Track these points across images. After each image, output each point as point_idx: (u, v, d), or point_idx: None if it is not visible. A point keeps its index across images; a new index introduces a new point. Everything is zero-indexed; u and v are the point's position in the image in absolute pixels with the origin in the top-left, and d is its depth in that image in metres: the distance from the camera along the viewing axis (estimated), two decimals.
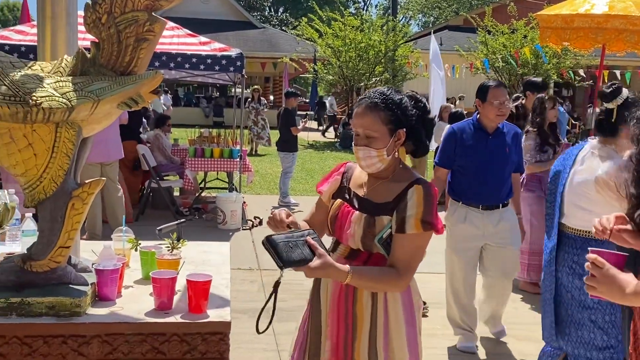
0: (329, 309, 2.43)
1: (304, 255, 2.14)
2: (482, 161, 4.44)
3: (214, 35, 19.96)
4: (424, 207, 2.24)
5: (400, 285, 2.28)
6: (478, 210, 4.49)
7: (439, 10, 47.12)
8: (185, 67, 8.38)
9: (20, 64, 2.36)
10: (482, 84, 4.53)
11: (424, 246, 2.33)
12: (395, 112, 2.27)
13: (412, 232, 2.24)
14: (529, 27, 20.81)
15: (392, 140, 2.28)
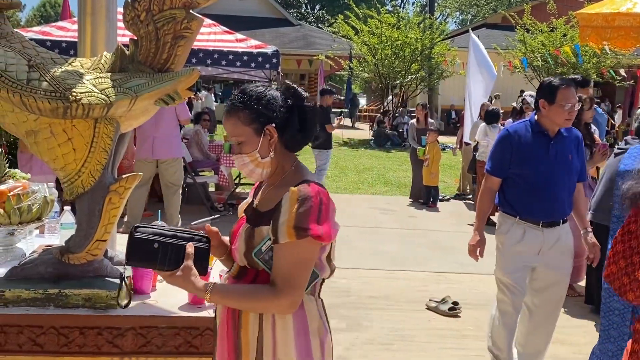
0: (218, 334, 2.10)
1: (165, 261, 1.93)
2: (544, 169, 3.80)
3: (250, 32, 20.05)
4: (297, 211, 1.88)
5: (281, 305, 1.91)
6: (537, 227, 3.83)
7: (477, 8, 46.60)
8: (222, 64, 8.44)
9: (61, 60, 2.41)
10: (550, 82, 3.84)
11: (307, 257, 1.93)
12: (256, 109, 1.97)
13: (285, 241, 1.89)
14: (569, 26, 20.46)
15: (262, 140, 1.98)
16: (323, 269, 2.03)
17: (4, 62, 2.23)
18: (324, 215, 1.91)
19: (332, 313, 5.24)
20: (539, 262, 3.88)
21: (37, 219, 2.67)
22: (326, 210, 1.93)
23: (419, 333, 4.95)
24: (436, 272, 6.62)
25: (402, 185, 12.53)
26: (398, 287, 6.05)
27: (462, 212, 10.08)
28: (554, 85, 3.78)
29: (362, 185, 12.45)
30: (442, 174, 11.73)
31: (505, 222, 3.95)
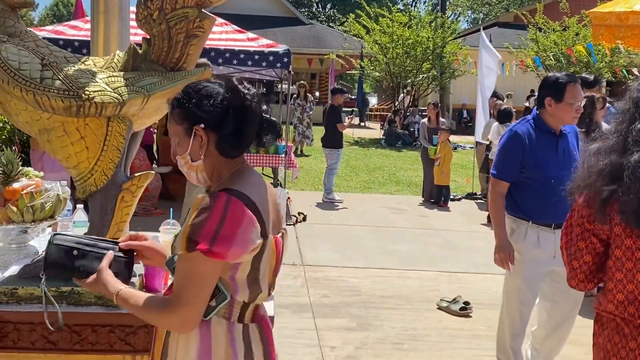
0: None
1: (83, 268, 1.90)
2: (554, 169, 3.61)
3: (261, 31, 20.09)
4: (192, 222, 1.72)
5: (171, 321, 1.77)
6: (550, 229, 3.68)
7: (489, 7, 46.40)
8: (233, 63, 8.46)
9: (74, 58, 2.42)
10: (556, 79, 3.68)
11: (200, 273, 1.74)
12: (187, 107, 1.81)
13: (179, 252, 1.74)
14: (581, 25, 20.34)
15: (192, 142, 1.82)
16: (236, 290, 1.81)
17: (18, 61, 2.25)
18: (225, 231, 1.71)
19: (342, 312, 5.24)
20: (556, 265, 3.67)
21: (50, 217, 2.68)
22: (232, 225, 1.72)
23: (430, 333, 4.94)
24: (448, 272, 6.61)
25: (413, 184, 12.51)
26: (409, 287, 6.04)
27: (473, 211, 10.05)
28: (561, 82, 3.63)
29: (373, 184, 12.44)
30: (453, 174, 11.69)
31: (518, 227, 3.79)
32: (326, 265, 6.62)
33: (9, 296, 2.33)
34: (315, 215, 9.01)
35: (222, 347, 1.82)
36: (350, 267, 6.60)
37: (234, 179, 1.84)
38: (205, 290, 1.75)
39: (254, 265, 1.80)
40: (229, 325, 1.83)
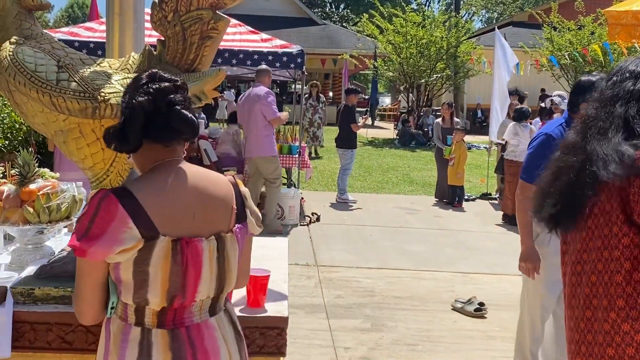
0: None
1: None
2: None
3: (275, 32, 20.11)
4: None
5: (76, 312, 1.84)
6: None
7: (503, 6, 46.20)
8: (247, 64, 8.48)
9: (90, 60, 2.43)
10: (591, 83, 3.54)
11: (80, 270, 1.75)
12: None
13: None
14: (597, 24, 20.18)
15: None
16: (121, 292, 1.74)
17: (34, 63, 2.26)
18: (95, 229, 1.65)
19: (356, 313, 5.23)
20: None
21: (66, 217, 2.70)
22: (101, 223, 1.65)
23: (445, 334, 4.92)
24: (462, 273, 6.58)
25: (427, 184, 12.47)
26: (423, 288, 6.02)
27: (488, 212, 10.00)
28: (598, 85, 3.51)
29: (387, 184, 12.42)
30: (467, 174, 11.65)
31: (543, 230, 3.58)
32: (340, 266, 6.62)
33: (25, 296, 2.35)
34: (328, 216, 9.01)
35: (116, 347, 1.77)
36: (364, 267, 6.60)
37: (143, 175, 1.81)
38: (86, 286, 1.75)
39: (138, 267, 1.69)
40: (124, 327, 1.77)
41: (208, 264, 1.76)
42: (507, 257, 6.87)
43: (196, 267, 1.74)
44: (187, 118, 1.77)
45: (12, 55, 2.26)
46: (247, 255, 2.01)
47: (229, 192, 1.83)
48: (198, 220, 1.75)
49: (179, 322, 1.77)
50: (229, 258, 1.81)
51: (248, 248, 2.00)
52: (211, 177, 1.84)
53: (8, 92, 2.32)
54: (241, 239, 1.85)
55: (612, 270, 1.92)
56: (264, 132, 7.72)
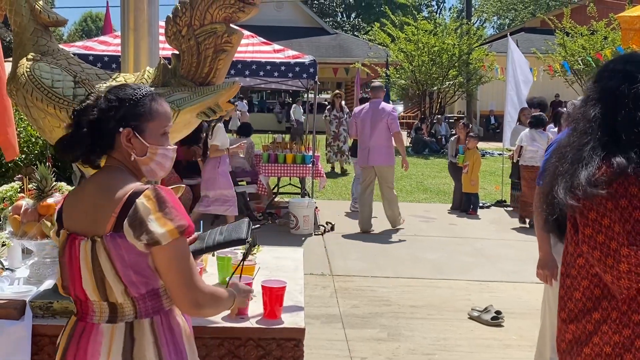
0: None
1: None
2: None
3: (287, 42, 20.19)
4: None
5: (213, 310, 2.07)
6: None
7: (515, 12, 46.08)
8: (260, 75, 8.52)
9: (105, 75, 2.46)
10: None
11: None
12: None
13: None
14: (610, 29, 20.08)
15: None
16: None
17: (51, 79, 2.29)
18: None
19: (373, 322, 5.22)
20: None
21: None
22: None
23: (462, 343, 4.89)
24: (478, 281, 6.54)
25: (441, 192, 12.43)
26: (439, 296, 6.00)
27: (503, 219, 9.95)
28: None
29: (401, 192, 12.39)
30: (482, 181, 11.60)
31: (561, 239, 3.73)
32: (355, 275, 6.61)
33: (44, 310, 2.37)
34: (343, 225, 9.00)
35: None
36: (380, 276, 6.58)
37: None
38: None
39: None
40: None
41: (84, 264, 1.84)
42: (524, 264, 6.82)
43: (76, 264, 1.86)
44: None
45: (29, 72, 2.29)
46: (165, 271, 1.83)
47: (117, 199, 1.82)
48: (86, 221, 1.87)
49: (81, 316, 1.91)
50: (102, 265, 1.82)
51: (161, 263, 1.83)
52: (108, 183, 1.88)
53: (25, 107, 2.35)
54: (113, 248, 1.80)
55: (571, 287, 2.00)
56: (387, 143, 8.53)
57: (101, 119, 1.86)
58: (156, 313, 1.87)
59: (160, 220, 1.79)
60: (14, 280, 2.71)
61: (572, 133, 2.02)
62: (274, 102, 33.99)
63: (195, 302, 1.84)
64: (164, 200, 1.82)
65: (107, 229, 1.81)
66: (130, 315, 1.85)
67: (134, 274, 1.81)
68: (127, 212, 1.79)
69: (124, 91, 1.90)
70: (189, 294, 1.83)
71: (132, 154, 1.89)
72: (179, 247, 1.82)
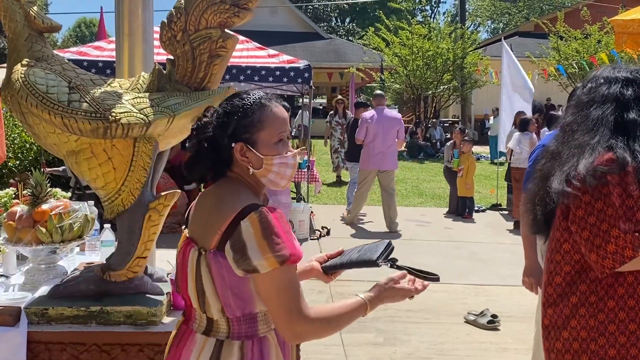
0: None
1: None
2: None
3: (281, 47, 20.22)
4: None
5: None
6: None
7: (509, 17, 46.22)
8: (255, 80, 8.52)
9: (100, 81, 2.46)
10: None
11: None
12: None
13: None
14: (603, 32, 20.16)
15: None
16: None
17: (45, 85, 2.29)
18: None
19: (369, 327, 5.21)
20: None
21: (79, 237, 2.72)
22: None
23: (458, 347, 4.89)
24: (474, 285, 6.55)
25: (436, 196, 12.44)
26: (436, 300, 5.99)
27: (498, 223, 9.95)
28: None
29: (396, 197, 12.39)
30: (477, 185, 11.61)
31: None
32: (351, 280, 6.59)
33: (39, 316, 2.36)
34: (339, 229, 9.00)
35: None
36: (376, 281, 6.56)
37: None
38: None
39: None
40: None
41: (190, 272, 1.81)
42: (519, 268, 6.75)
43: (184, 268, 1.84)
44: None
45: (24, 78, 2.28)
46: (265, 299, 1.76)
47: (225, 217, 1.75)
48: (199, 230, 1.84)
49: (186, 319, 1.91)
50: (203, 278, 1.77)
51: (260, 290, 1.76)
52: (223, 197, 1.82)
53: (20, 113, 2.34)
54: (214, 266, 1.75)
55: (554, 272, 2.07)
56: (394, 148, 9.08)
57: (216, 136, 1.81)
58: (249, 338, 1.80)
59: (262, 247, 1.70)
60: (9, 286, 2.70)
61: (568, 134, 2.06)
62: None
63: (294, 333, 1.74)
64: (270, 226, 1.71)
65: (212, 245, 1.77)
66: (223, 333, 1.80)
67: (232, 296, 1.76)
68: (231, 231, 1.72)
69: (231, 103, 1.84)
70: (288, 325, 1.72)
71: (249, 168, 1.82)
72: (279, 277, 1.71)
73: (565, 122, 2.14)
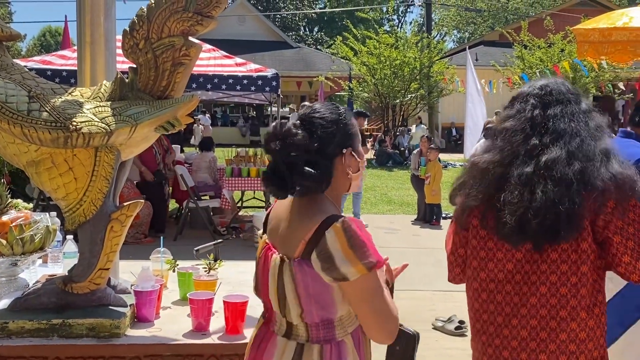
0: None
1: None
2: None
3: (250, 55, 20.20)
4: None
5: (391, 331, 1.96)
6: None
7: (474, 26, 46.86)
8: (222, 88, 8.50)
9: (61, 90, 2.42)
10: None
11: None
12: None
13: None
14: (566, 41, 20.56)
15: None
16: None
17: (5, 94, 2.25)
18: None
19: None
20: None
21: (40, 248, 2.67)
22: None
23: (427, 353, 4.90)
24: (442, 291, 6.58)
25: (405, 204, 12.51)
26: (404, 307, 6.00)
27: None
28: None
29: (365, 204, 12.43)
30: (444, 192, 11.70)
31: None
32: None
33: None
34: None
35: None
36: None
37: None
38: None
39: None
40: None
41: (272, 277, 1.87)
42: None
43: (265, 273, 1.90)
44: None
45: None
46: (356, 306, 1.83)
47: (309, 226, 1.81)
48: (281, 237, 1.91)
49: (267, 321, 1.97)
50: (285, 284, 1.83)
51: (351, 297, 1.81)
52: (307, 206, 1.88)
53: None
54: (300, 274, 1.80)
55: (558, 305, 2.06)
56: None
57: (324, 145, 1.86)
58: (327, 342, 1.86)
59: (349, 256, 1.76)
60: None
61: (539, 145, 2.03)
62: (237, 115, 33.90)
63: (389, 333, 1.84)
64: (355, 235, 1.78)
65: (296, 253, 1.82)
66: (302, 337, 1.87)
67: (314, 303, 1.82)
68: (316, 241, 1.78)
69: (334, 113, 1.92)
70: (384, 326, 1.82)
71: (349, 172, 1.91)
72: (368, 283, 1.78)
73: (494, 131, 2.16)
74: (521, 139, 2.04)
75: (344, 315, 1.87)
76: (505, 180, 2.01)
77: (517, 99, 2.17)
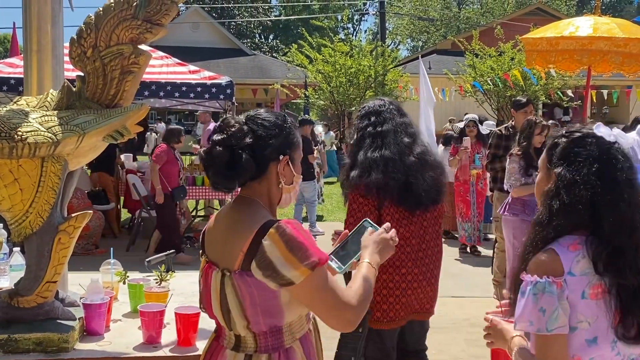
0: None
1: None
2: None
3: (204, 63, 20.06)
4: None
5: (353, 322, 1.97)
6: None
7: (427, 35, 47.50)
8: (175, 96, 8.41)
9: (6, 99, 2.37)
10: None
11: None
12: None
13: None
14: (516, 50, 20.99)
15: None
16: None
17: None
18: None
19: None
20: None
21: None
22: None
23: None
24: None
25: None
26: None
27: None
28: None
29: (323, 212, 12.46)
30: None
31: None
32: None
33: None
34: None
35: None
36: None
37: None
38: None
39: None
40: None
41: (214, 294, 1.86)
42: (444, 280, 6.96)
43: (207, 290, 1.89)
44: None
45: None
46: (308, 303, 1.84)
47: (245, 237, 1.81)
48: (219, 252, 1.89)
49: (217, 336, 1.97)
50: (228, 297, 1.82)
51: (301, 298, 1.82)
52: (239, 218, 1.88)
53: None
54: (242, 285, 1.80)
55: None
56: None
57: (257, 145, 1.84)
58: (275, 350, 1.86)
59: (289, 260, 1.76)
60: None
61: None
62: (192, 123, 33.61)
63: (348, 322, 1.84)
64: (291, 238, 1.77)
65: (235, 266, 1.81)
66: (251, 348, 1.87)
67: (260, 313, 1.82)
68: (254, 250, 1.78)
69: (278, 119, 1.92)
70: (340, 318, 1.82)
71: (281, 182, 1.90)
72: (315, 282, 1.78)
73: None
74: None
75: (294, 321, 1.87)
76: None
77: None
